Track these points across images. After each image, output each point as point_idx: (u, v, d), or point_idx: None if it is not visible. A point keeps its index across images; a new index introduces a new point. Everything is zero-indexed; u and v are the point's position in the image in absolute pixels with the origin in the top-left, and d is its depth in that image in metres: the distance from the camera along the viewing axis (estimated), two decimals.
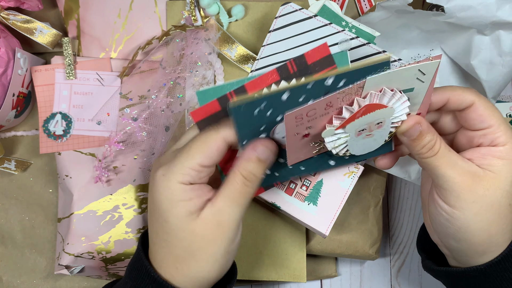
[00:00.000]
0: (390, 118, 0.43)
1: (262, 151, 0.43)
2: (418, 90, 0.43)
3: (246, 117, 0.42)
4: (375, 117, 0.43)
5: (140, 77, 0.63)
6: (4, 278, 0.65)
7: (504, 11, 0.55)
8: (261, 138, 0.44)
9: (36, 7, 0.60)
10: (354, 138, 0.44)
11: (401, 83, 0.42)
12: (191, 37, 0.62)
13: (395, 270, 0.75)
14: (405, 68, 0.41)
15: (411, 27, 0.62)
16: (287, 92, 0.40)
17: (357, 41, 0.55)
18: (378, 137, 0.45)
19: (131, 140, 0.61)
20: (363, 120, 0.42)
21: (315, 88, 0.41)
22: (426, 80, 0.42)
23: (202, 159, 0.42)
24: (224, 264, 0.45)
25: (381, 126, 0.44)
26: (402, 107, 0.43)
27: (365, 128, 0.43)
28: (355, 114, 0.42)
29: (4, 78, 0.58)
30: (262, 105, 0.41)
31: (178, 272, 0.44)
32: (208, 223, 0.43)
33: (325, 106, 0.41)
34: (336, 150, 0.45)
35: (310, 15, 0.56)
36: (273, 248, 0.65)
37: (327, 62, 0.45)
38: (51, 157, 0.66)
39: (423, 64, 0.41)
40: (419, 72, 0.41)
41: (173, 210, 0.43)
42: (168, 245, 0.44)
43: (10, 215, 0.66)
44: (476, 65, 0.61)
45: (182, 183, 0.42)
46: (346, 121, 0.42)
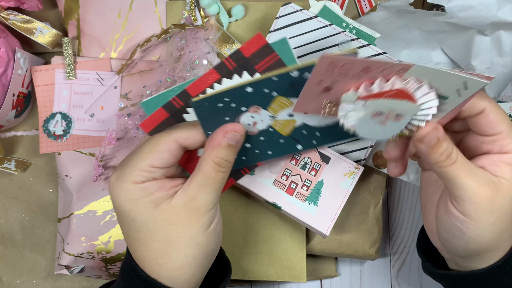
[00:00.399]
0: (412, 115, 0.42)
1: (232, 136, 0.43)
2: (451, 102, 0.42)
3: (210, 111, 0.42)
4: (400, 107, 0.41)
5: (140, 76, 0.63)
6: (4, 278, 0.65)
7: (504, 11, 0.55)
8: (229, 123, 0.44)
9: (36, 7, 0.60)
10: (367, 118, 0.42)
11: (441, 86, 0.41)
12: (190, 36, 0.62)
13: (395, 270, 0.75)
14: (454, 73, 0.39)
15: (411, 28, 0.62)
16: (251, 85, 0.41)
17: (358, 43, 0.55)
18: (388, 129, 0.43)
19: (127, 136, 0.61)
20: (387, 103, 0.41)
21: (280, 80, 0.41)
22: (464, 95, 0.41)
23: (152, 160, 0.42)
24: (208, 245, 0.44)
25: (398, 119, 0.42)
26: (426, 111, 0.42)
27: (384, 112, 0.41)
28: (384, 92, 0.40)
29: (4, 78, 0.58)
30: (226, 99, 0.41)
31: (162, 268, 0.43)
32: (181, 210, 0.42)
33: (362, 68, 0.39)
34: (344, 120, 0.42)
35: (311, 16, 0.56)
36: (273, 248, 0.65)
37: (266, 51, 0.44)
38: (51, 157, 0.66)
39: (471, 79, 0.39)
40: (463, 85, 0.40)
41: (138, 208, 0.42)
42: (144, 243, 0.43)
43: (10, 215, 0.66)
44: (476, 65, 0.60)
45: (137, 183, 0.42)
46: (372, 94, 0.40)
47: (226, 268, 0.51)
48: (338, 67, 0.38)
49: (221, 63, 0.44)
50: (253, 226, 0.65)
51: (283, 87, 0.42)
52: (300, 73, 0.41)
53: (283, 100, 0.44)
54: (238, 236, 0.65)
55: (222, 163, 0.43)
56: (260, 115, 0.45)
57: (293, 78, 0.41)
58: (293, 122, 0.46)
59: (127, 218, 0.43)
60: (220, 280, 0.49)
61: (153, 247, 0.43)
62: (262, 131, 0.46)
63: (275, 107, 0.44)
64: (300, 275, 0.65)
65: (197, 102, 0.41)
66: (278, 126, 0.46)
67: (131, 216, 0.43)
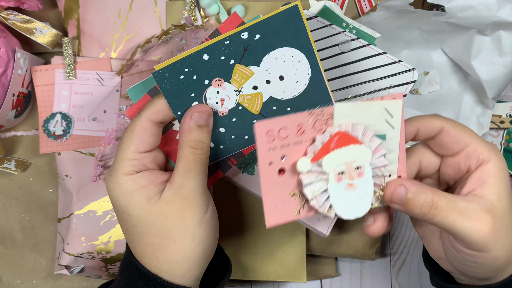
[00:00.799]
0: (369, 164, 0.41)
1: (199, 116, 0.43)
2: (391, 140, 0.42)
3: (173, 84, 0.42)
4: (352, 156, 0.41)
5: (140, 77, 0.63)
6: (4, 278, 0.65)
7: (504, 11, 0.55)
8: (194, 105, 0.44)
9: (36, 7, 0.60)
10: (335, 186, 0.41)
11: (371, 122, 0.41)
12: (190, 36, 0.62)
13: (395, 270, 0.75)
14: (370, 102, 0.40)
15: (411, 28, 0.62)
16: (206, 51, 0.41)
17: (358, 42, 0.55)
18: (362, 193, 0.42)
19: None
20: (339, 155, 0.41)
21: (233, 43, 0.42)
22: (396, 126, 0.41)
23: (135, 146, 0.43)
24: (205, 236, 0.44)
25: (361, 174, 0.41)
26: (378, 154, 0.42)
27: (344, 171, 0.41)
28: (328, 142, 0.40)
29: (4, 78, 0.58)
30: (186, 69, 0.42)
31: (161, 261, 0.44)
32: (172, 202, 0.43)
33: (296, 130, 0.40)
34: (317, 202, 0.41)
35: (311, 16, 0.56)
36: (273, 248, 0.65)
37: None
38: (51, 157, 0.66)
39: (388, 103, 0.40)
40: (386, 113, 0.41)
41: (131, 202, 0.43)
42: (142, 237, 0.44)
43: (10, 215, 0.66)
44: (476, 65, 0.61)
45: (129, 175, 0.43)
46: (320, 150, 0.41)
47: (227, 266, 0.51)
48: (276, 135, 0.39)
49: (201, 44, 0.44)
50: (253, 226, 0.65)
51: (238, 52, 0.42)
52: (249, 33, 0.42)
53: (242, 69, 0.44)
54: (238, 236, 0.65)
55: (197, 145, 0.43)
56: (224, 89, 0.45)
57: (244, 40, 0.42)
58: (260, 96, 0.46)
59: (124, 213, 0.44)
60: (221, 277, 0.49)
61: (150, 241, 0.43)
62: (232, 110, 0.46)
63: (237, 79, 0.44)
64: (300, 275, 0.65)
65: (157, 73, 0.42)
66: (246, 102, 0.46)
67: (126, 211, 0.43)
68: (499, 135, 0.70)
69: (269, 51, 0.43)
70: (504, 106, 0.69)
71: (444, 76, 0.66)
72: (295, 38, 0.43)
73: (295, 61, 0.44)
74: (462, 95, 0.66)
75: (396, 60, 0.54)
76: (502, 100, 0.69)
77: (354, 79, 0.55)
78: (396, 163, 0.42)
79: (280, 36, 0.42)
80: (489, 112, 0.65)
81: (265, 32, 0.42)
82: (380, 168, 0.42)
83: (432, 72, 0.67)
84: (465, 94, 0.66)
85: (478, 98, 0.66)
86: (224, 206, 0.65)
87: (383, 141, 0.42)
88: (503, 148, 0.70)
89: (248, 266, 0.65)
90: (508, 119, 0.68)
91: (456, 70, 0.66)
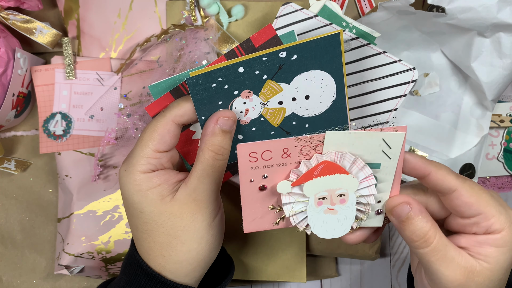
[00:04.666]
0: (354, 192, 0.41)
1: (224, 122, 0.43)
2: (386, 169, 0.41)
3: (204, 91, 0.43)
4: (336, 184, 0.41)
5: (139, 76, 0.63)
6: (4, 278, 0.65)
7: (504, 13, 0.55)
8: (220, 110, 0.44)
9: (36, 7, 0.60)
10: (314, 208, 0.41)
11: (365, 152, 0.40)
12: (190, 36, 0.62)
13: (395, 270, 0.75)
14: (368, 132, 0.39)
15: (412, 29, 0.62)
16: (242, 64, 0.42)
17: (358, 42, 0.55)
18: (342, 217, 0.42)
19: (126, 136, 0.61)
20: (322, 183, 0.41)
21: (270, 60, 0.42)
22: (393, 157, 0.40)
23: (155, 145, 0.43)
24: (212, 240, 0.45)
25: (344, 201, 0.41)
26: (367, 184, 0.41)
27: (326, 196, 0.41)
28: (312, 169, 0.40)
29: (4, 78, 0.58)
30: (220, 78, 0.42)
31: (166, 260, 0.44)
32: (185, 203, 0.43)
33: (281, 153, 0.41)
34: (294, 220, 0.42)
35: (311, 15, 0.55)
36: (273, 248, 0.65)
37: (274, 43, 0.46)
38: (51, 157, 0.66)
39: (387, 134, 0.39)
40: (384, 144, 0.40)
41: (145, 199, 0.43)
42: (151, 235, 0.44)
43: (10, 215, 0.66)
44: (476, 67, 0.60)
45: (145, 173, 0.43)
46: (302, 176, 0.41)
47: (229, 267, 0.51)
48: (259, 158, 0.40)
49: (231, 51, 0.45)
50: None
51: (273, 69, 0.43)
52: (288, 53, 0.42)
53: (273, 85, 0.44)
54: (238, 236, 0.65)
55: (219, 150, 0.43)
56: (251, 101, 0.45)
57: (281, 59, 0.42)
58: (283, 111, 0.46)
59: (136, 210, 0.44)
60: (223, 277, 0.49)
61: (159, 240, 0.44)
62: (254, 120, 0.46)
63: (265, 93, 0.45)
64: (300, 275, 0.65)
65: (192, 79, 0.42)
66: (269, 115, 0.46)
67: (139, 208, 0.43)
68: (499, 135, 0.70)
69: (302, 72, 0.44)
70: (504, 106, 0.69)
71: (444, 78, 0.66)
72: (330, 63, 0.44)
73: (323, 84, 0.45)
74: (462, 97, 0.66)
75: (396, 60, 0.54)
76: (502, 100, 0.69)
77: (355, 79, 0.55)
78: (388, 192, 0.42)
79: (316, 59, 0.43)
80: (488, 114, 0.65)
81: (303, 54, 0.42)
82: (366, 196, 0.41)
83: (432, 74, 0.66)
84: (464, 96, 0.66)
85: (477, 100, 0.66)
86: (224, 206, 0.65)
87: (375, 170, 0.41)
88: (503, 148, 0.70)
89: (248, 266, 0.65)
90: (508, 118, 0.68)
91: (456, 72, 0.66)
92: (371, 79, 0.55)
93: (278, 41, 0.46)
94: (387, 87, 0.54)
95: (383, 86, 0.54)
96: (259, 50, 0.45)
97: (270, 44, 0.46)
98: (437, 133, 0.66)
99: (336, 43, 0.43)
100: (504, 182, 0.72)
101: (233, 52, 0.45)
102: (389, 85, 0.54)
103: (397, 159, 0.40)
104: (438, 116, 0.67)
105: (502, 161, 0.70)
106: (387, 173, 0.41)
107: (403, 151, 0.40)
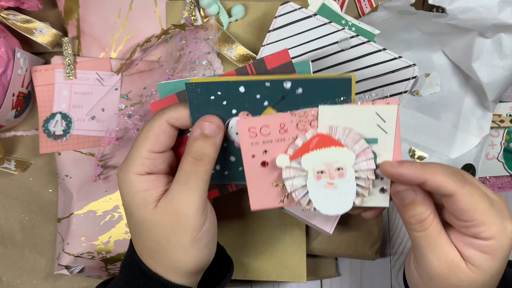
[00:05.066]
0: (351, 166, 0.41)
1: (207, 126, 0.42)
2: (384, 144, 0.41)
3: (201, 101, 0.42)
4: (333, 157, 0.41)
5: (139, 76, 0.63)
6: (4, 278, 0.65)
7: (505, 14, 0.55)
8: (207, 115, 0.43)
9: (36, 7, 0.60)
10: (314, 183, 0.42)
11: (360, 126, 0.41)
12: (190, 36, 0.62)
13: (395, 270, 0.75)
14: (360, 106, 0.40)
15: (412, 29, 0.62)
16: (244, 85, 0.41)
17: (357, 40, 0.55)
18: (343, 192, 0.42)
19: (127, 136, 0.61)
20: (318, 156, 0.41)
21: (273, 88, 0.41)
22: (389, 131, 0.41)
23: (150, 145, 0.42)
24: (198, 254, 0.43)
25: (343, 175, 0.42)
26: (365, 157, 0.41)
27: (324, 170, 0.41)
28: (308, 143, 0.41)
29: (4, 78, 0.58)
30: (219, 92, 0.42)
31: (156, 263, 0.43)
32: (165, 213, 0.41)
33: (279, 128, 0.41)
34: (296, 196, 0.43)
35: (310, 14, 0.55)
36: (273, 248, 0.65)
37: (287, 69, 0.44)
38: (51, 157, 0.66)
39: (379, 107, 0.39)
40: (378, 117, 0.40)
41: (132, 202, 0.42)
42: (140, 238, 0.43)
43: (10, 215, 0.66)
44: (477, 67, 0.60)
45: (138, 174, 0.42)
46: (299, 149, 0.41)
47: (228, 267, 0.51)
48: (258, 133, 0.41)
49: (243, 67, 0.44)
50: (253, 226, 0.65)
51: (275, 97, 0.42)
52: (292, 85, 0.41)
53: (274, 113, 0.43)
54: (238, 236, 0.65)
55: (199, 156, 0.41)
56: None
57: (285, 90, 0.41)
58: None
59: (127, 211, 0.44)
60: (222, 277, 0.49)
61: (147, 244, 0.43)
62: None
63: None
64: (300, 275, 0.65)
65: (191, 85, 0.41)
66: None
67: (129, 210, 0.43)
68: (499, 135, 0.70)
69: (306, 107, 0.42)
70: (504, 106, 0.69)
71: (445, 78, 0.66)
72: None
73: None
74: (463, 97, 0.66)
75: (396, 56, 0.54)
76: (503, 100, 0.69)
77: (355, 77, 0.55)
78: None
79: (323, 98, 0.42)
80: (489, 114, 0.65)
81: (309, 89, 0.41)
82: (365, 171, 0.42)
83: (433, 74, 0.66)
84: (465, 96, 0.66)
85: (478, 101, 0.66)
86: (224, 206, 0.65)
87: (372, 145, 0.41)
88: (503, 148, 0.70)
89: (248, 266, 0.65)
90: (508, 119, 0.68)
91: (457, 73, 0.66)
92: (371, 76, 0.55)
93: (291, 68, 0.44)
94: (388, 83, 0.54)
95: (384, 83, 0.54)
96: (270, 73, 0.44)
97: (283, 70, 0.44)
98: (437, 133, 0.66)
99: (347, 88, 0.41)
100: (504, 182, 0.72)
101: (244, 69, 0.44)
102: (389, 82, 0.54)
103: (394, 133, 0.41)
104: (438, 117, 0.67)
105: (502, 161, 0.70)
106: (385, 148, 0.42)
107: (398, 124, 0.41)
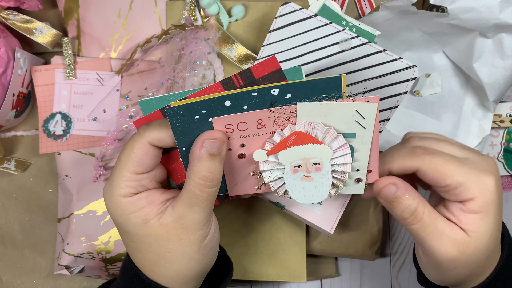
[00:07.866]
0: (329, 161, 0.42)
1: (211, 144, 0.40)
2: (362, 139, 0.41)
3: (185, 122, 0.40)
4: (310, 153, 0.41)
5: (140, 77, 0.63)
6: (4, 278, 0.65)
7: (507, 14, 0.55)
8: (205, 131, 0.41)
9: (36, 7, 0.60)
10: (291, 176, 0.42)
11: (338, 122, 0.41)
12: (190, 36, 0.62)
13: (395, 270, 0.75)
14: (340, 103, 0.39)
15: (413, 29, 0.62)
16: (229, 98, 0.39)
17: (358, 40, 0.55)
18: (319, 184, 0.43)
19: (127, 137, 0.61)
20: (296, 152, 0.41)
21: (261, 97, 0.39)
22: (368, 127, 0.41)
23: (133, 168, 0.41)
24: (203, 258, 0.43)
25: (319, 169, 0.42)
26: (342, 153, 0.42)
27: (301, 164, 0.42)
28: (285, 139, 0.41)
29: (4, 78, 0.58)
30: (203, 111, 0.39)
31: (157, 275, 0.43)
32: (171, 228, 0.41)
33: (256, 124, 0.40)
34: (273, 186, 0.43)
35: (310, 14, 0.55)
36: (273, 248, 0.65)
37: (277, 77, 0.42)
38: (51, 157, 0.66)
39: (359, 105, 0.39)
40: (358, 114, 0.40)
41: (129, 223, 0.42)
42: (140, 252, 0.43)
43: (10, 215, 0.65)
44: (478, 68, 0.60)
45: (126, 197, 0.41)
46: (276, 145, 0.41)
47: (228, 268, 0.51)
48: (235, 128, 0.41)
49: (228, 78, 0.42)
50: (253, 226, 0.65)
51: (263, 106, 0.40)
52: (281, 91, 0.39)
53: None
54: (238, 236, 0.65)
55: (206, 177, 0.40)
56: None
57: (274, 96, 0.40)
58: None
59: (122, 229, 0.43)
60: (222, 279, 0.49)
61: (148, 257, 0.43)
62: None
63: None
64: (300, 275, 0.65)
65: (172, 109, 0.39)
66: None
67: (125, 228, 0.42)
68: (499, 135, 0.70)
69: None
70: (505, 106, 0.69)
71: (446, 78, 0.66)
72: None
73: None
74: (464, 97, 0.66)
75: (397, 58, 0.54)
76: (503, 100, 0.69)
77: (355, 77, 0.55)
78: (366, 160, 0.43)
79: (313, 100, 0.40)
80: (490, 115, 0.65)
81: (298, 93, 0.39)
82: (341, 165, 0.42)
83: (434, 74, 0.66)
84: (466, 96, 0.66)
85: (479, 101, 0.66)
86: (224, 206, 0.65)
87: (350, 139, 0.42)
88: (503, 148, 0.70)
89: (248, 266, 0.65)
90: (508, 119, 0.68)
91: (457, 73, 0.66)
92: (371, 77, 0.55)
93: (282, 76, 0.42)
94: (388, 84, 0.54)
95: (384, 84, 0.54)
96: (259, 82, 0.42)
97: (272, 78, 0.42)
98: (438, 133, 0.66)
99: (337, 87, 0.40)
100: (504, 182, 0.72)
101: (230, 80, 0.42)
102: (389, 83, 0.54)
103: (372, 128, 0.41)
104: (439, 117, 0.67)
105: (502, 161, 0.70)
106: (363, 142, 0.42)
107: (377, 121, 0.41)
